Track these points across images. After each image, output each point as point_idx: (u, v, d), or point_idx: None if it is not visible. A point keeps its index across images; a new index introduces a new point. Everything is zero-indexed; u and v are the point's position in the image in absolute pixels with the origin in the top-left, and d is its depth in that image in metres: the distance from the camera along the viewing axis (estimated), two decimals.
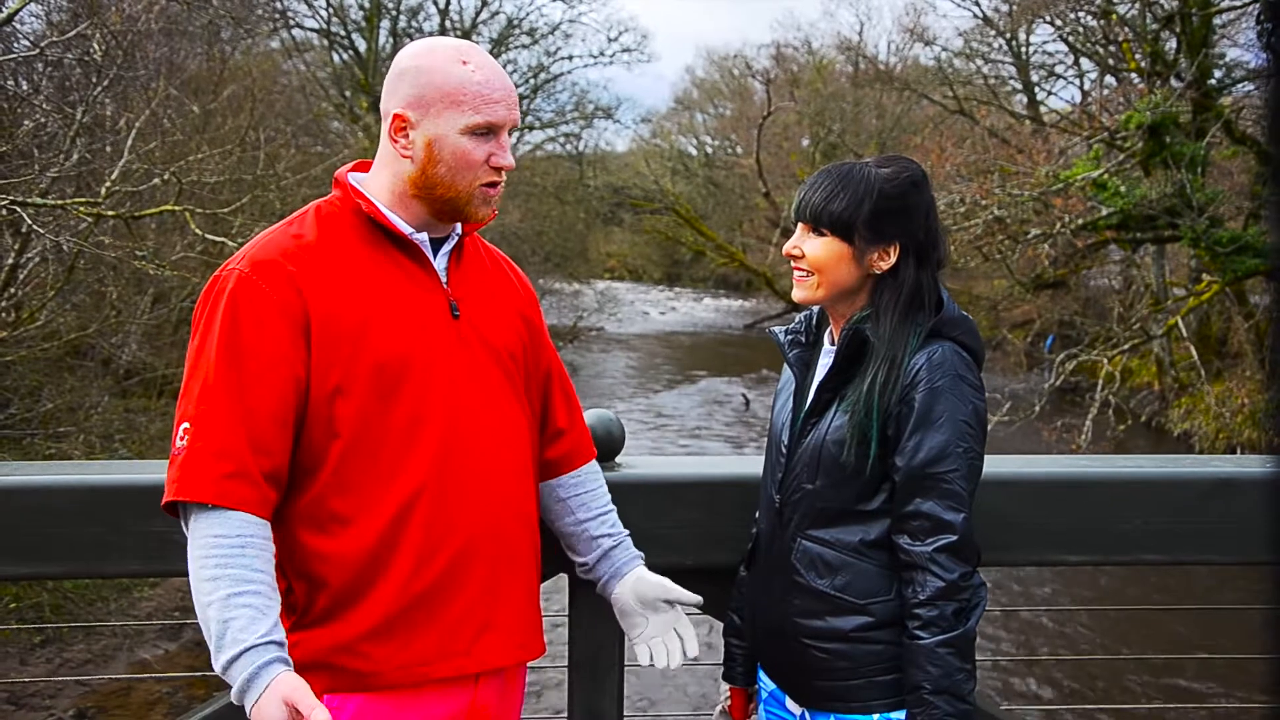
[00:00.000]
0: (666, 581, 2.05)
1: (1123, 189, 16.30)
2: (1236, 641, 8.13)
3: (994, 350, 22.88)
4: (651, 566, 2.10)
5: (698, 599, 2.07)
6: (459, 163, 1.80)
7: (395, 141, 1.82)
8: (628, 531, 2.12)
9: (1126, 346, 16.66)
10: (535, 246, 27.91)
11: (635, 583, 2.05)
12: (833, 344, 2.05)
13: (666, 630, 2.05)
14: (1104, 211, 16.28)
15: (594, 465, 2.15)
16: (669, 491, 2.35)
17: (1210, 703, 8.35)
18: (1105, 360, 16.01)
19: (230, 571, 1.64)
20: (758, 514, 2.17)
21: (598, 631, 2.29)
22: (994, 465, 2.35)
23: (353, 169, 1.93)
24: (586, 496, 2.10)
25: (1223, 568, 2.55)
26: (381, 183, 1.86)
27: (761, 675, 2.15)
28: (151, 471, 2.20)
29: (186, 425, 1.70)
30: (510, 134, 1.86)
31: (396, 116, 1.80)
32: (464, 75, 1.78)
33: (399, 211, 1.85)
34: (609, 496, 2.15)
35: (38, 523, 2.21)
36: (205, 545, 1.66)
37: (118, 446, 10.67)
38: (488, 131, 1.80)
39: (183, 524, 1.73)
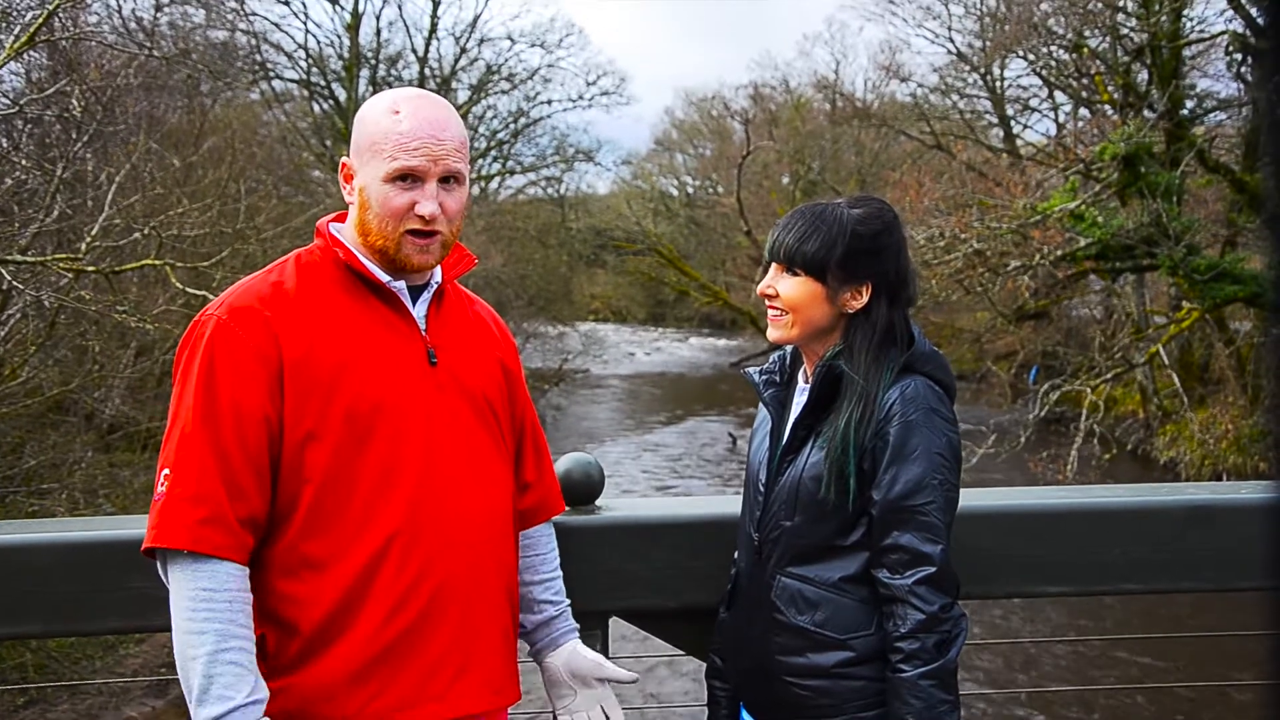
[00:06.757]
0: (602, 659, 2.05)
1: (1100, 219, 16.44)
2: (1217, 668, 8.13)
3: (978, 383, 22.98)
4: (632, 609, 2.10)
5: (633, 676, 2.05)
6: (383, 209, 1.82)
7: (347, 190, 1.88)
8: (568, 601, 2.12)
9: (1109, 375, 16.71)
10: (519, 290, 27.93)
11: (570, 656, 2.05)
12: (806, 382, 2.07)
13: (593, 706, 2.04)
14: (1082, 242, 16.40)
15: (549, 526, 2.15)
16: (648, 533, 2.35)
17: None
18: (1089, 390, 16.06)
19: (217, 626, 1.66)
20: (736, 553, 2.17)
21: None
22: (972, 498, 2.36)
23: (334, 219, 1.95)
24: (535, 559, 2.10)
25: (1202, 595, 2.55)
26: (349, 231, 1.90)
27: (745, 716, 2.15)
28: (135, 526, 2.17)
29: (166, 472, 1.72)
30: (449, 183, 1.84)
31: (343, 165, 1.88)
32: (389, 124, 1.81)
33: (369, 258, 1.87)
34: (558, 560, 2.15)
35: (20, 581, 2.19)
36: (193, 597, 1.66)
37: (102, 502, 10.57)
38: (409, 179, 1.81)
39: (160, 570, 1.73)
